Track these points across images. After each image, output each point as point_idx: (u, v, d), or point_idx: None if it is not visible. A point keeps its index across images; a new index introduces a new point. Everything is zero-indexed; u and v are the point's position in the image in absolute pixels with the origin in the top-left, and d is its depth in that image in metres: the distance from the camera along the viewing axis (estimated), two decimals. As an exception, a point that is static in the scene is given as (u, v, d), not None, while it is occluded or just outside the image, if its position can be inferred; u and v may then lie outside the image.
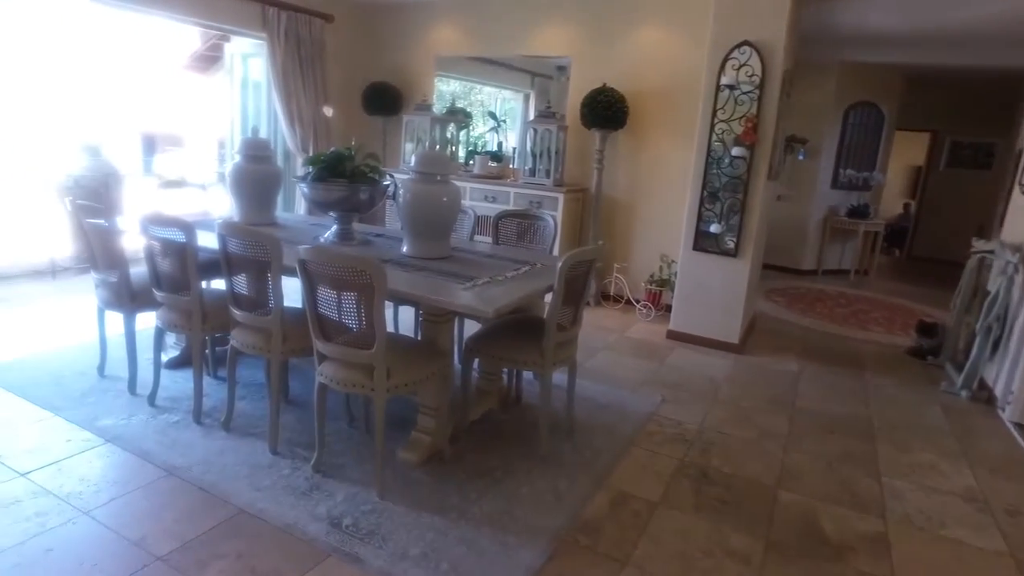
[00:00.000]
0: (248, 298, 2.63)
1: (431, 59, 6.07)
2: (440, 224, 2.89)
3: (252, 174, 3.37)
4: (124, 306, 2.99)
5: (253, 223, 3.38)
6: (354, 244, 3.10)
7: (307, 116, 5.65)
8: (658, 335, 4.75)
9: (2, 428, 2.72)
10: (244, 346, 2.65)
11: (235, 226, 2.49)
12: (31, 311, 4.24)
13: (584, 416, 3.26)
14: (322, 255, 2.20)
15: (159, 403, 3.01)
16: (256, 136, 3.43)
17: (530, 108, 6.42)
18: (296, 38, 5.52)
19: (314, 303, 2.34)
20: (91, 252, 3.04)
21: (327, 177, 2.97)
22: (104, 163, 5.78)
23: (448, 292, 2.40)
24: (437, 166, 2.84)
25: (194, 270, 2.68)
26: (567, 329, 2.77)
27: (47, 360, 3.41)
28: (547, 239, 3.51)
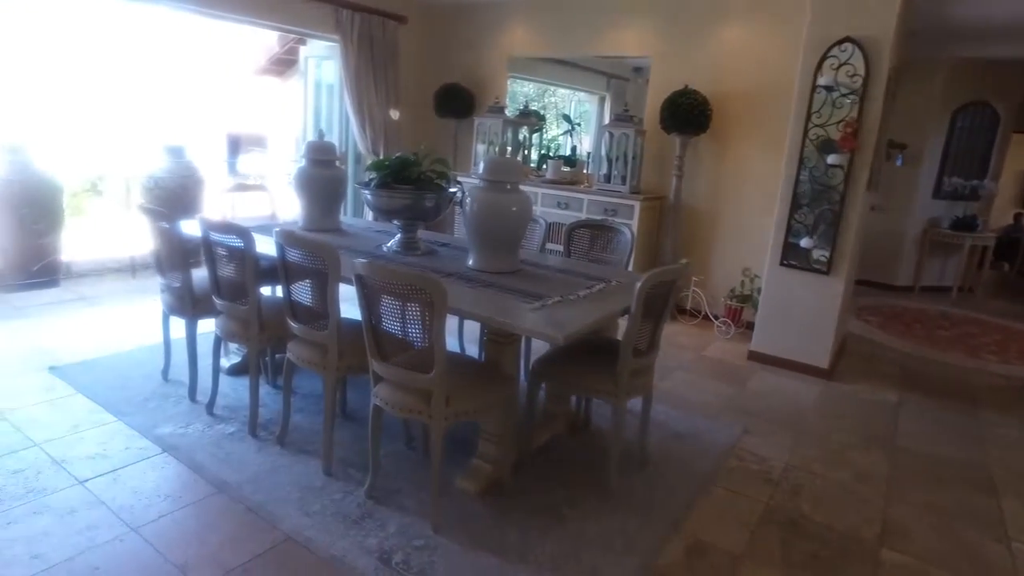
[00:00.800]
0: (305, 310, 2.51)
1: (504, 60, 5.91)
2: (508, 236, 2.70)
3: (317, 178, 3.28)
4: (186, 312, 2.95)
5: (316, 229, 3.30)
6: (418, 254, 2.95)
7: (378, 118, 5.59)
8: (738, 355, 4.41)
9: (69, 431, 2.72)
10: (299, 360, 2.53)
11: (292, 234, 2.38)
12: (109, 310, 4.32)
13: (657, 446, 2.99)
14: (379, 271, 2.04)
15: (217, 412, 2.94)
16: (321, 139, 3.34)
17: (605, 111, 6.17)
18: (369, 40, 5.46)
19: (371, 319, 2.19)
20: (157, 256, 3.01)
21: (391, 183, 2.84)
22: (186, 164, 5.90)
23: (515, 313, 2.21)
24: (507, 173, 2.65)
25: (252, 278, 2.59)
26: (644, 355, 2.52)
27: (118, 361, 3.43)
28: (623, 252, 3.27)
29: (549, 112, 6.22)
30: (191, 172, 5.87)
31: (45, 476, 2.41)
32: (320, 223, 3.34)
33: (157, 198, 5.68)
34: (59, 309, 4.26)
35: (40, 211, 4.91)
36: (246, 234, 2.51)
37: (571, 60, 5.83)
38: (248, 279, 2.58)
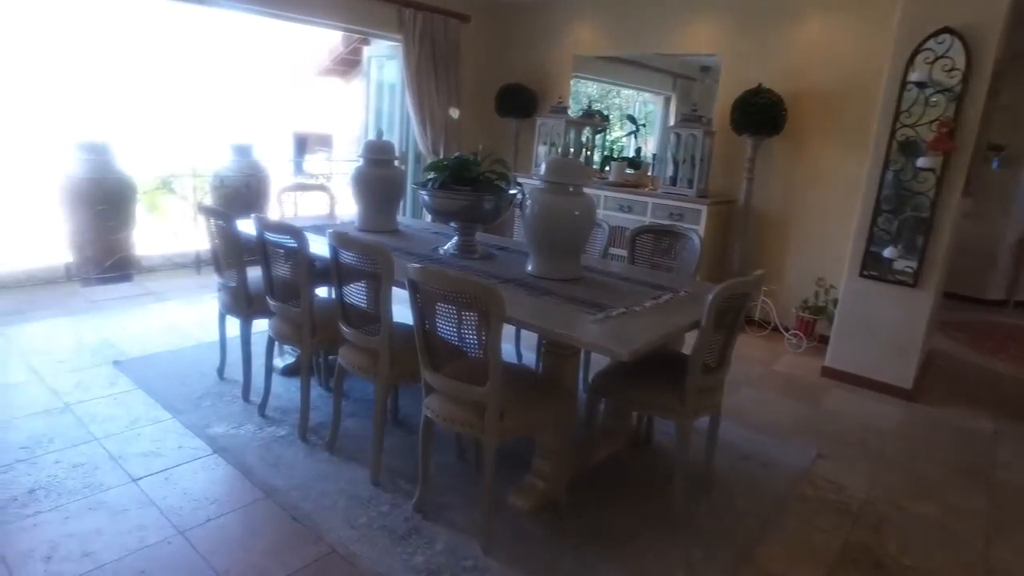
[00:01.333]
0: (357, 313, 2.44)
1: (568, 59, 5.76)
2: (571, 241, 2.56)
3: (374, 178, 3.22)
4: (241, 312, 2.93)
5: (372, 230, 3.24)
6: (475, 258, 2.84)
7: (439, 118, 5.54)
8: (810, 371, 4.13)
9: (127, 426, 2.73)
10: (350, 366, 2.46)
11: (345, 236, 2.30)
12: (173, 306, 4.40)
13: (724, 467, 2.79)
14: (433, 277, 1.94)
15: (269, 413, 2.91)
16: (380, 139, 3.28)
17: (670, 111, 5.95)
18: (431, 39, 5.41)
19: (424, 327, 2.09)
20: (215, 254, 3.01)
21: (449, 184, 2.74)
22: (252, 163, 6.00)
23: (577, 324, 2.06)
24: (570, 175, 2.51)
25: (306, 280, 2.53)
26: (714, 372, 2.34)
27: (177, 357, 3.47)
28: (691, 260, 3.07)
29: (612, 113, 6.04)
30: (257, 171, 5.97)
31: (102, 472, 2.41)
32: (376, 224, 3.28)
33: (223, 196, 5.80)
34: (128, 304, 4.37)
35: (115, 208, 5.07)
36: (300, 235, 2.46)
37: (636, 59, 5.64)
38: (301, 280, 2.53)
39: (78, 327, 3.85)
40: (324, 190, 3.86)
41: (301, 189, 3.78)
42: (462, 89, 5.73)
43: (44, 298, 4.39)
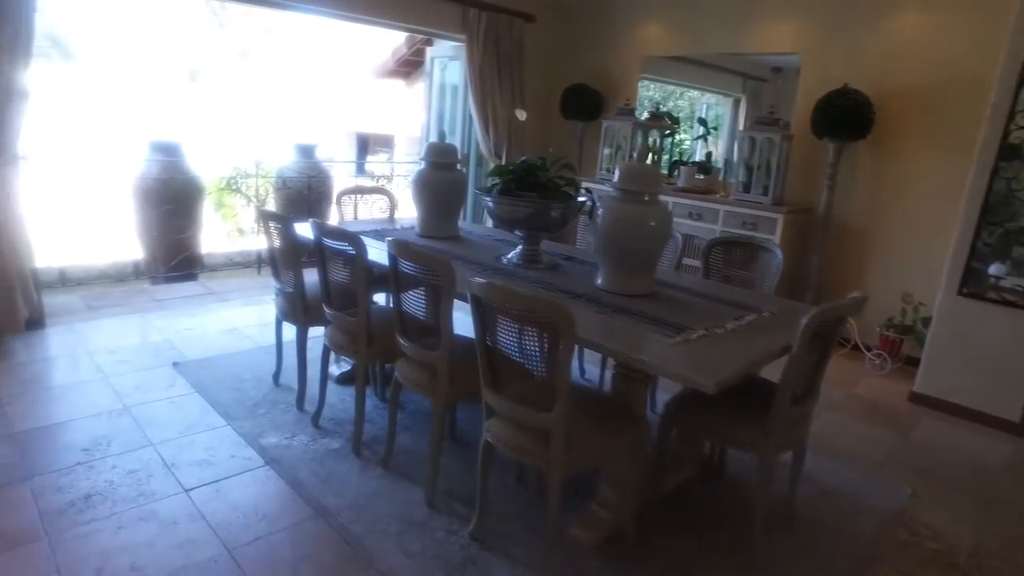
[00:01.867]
0: (416, 326, 2.31)
1: (636, 60, 5.53)
2: (645, 254, 2.37)
3: (436, 182, 3.10)
4: (298, 319, 2.86)
5: (433, 236, 3.12)
6: (540, 269, 2.68)
7: (502, 120, 5.41)
8: (897, 396, 3.79)
9: (182, 432, 2.69)
10: (407, 381, 2.34)
11: (405, 245, 2.18)
12: (233, 308, 4.41)
13: (805, 502, 2.54)
14: (499, 294, 1.78)
15: (323, 424, 2.83)
16: (442, 141, 3.15)
17: (740, 114, 5.65)
18: (495, 39, 5.29)
19: (486, 344, 1.94)
20: (272, 259, 2.95)
21: (515, 190, 2.59)
22: (314, 164, 6.02)
23: (653, 348, 1.88)
24: (645, 182, 2.32)
25: (363, 289, 2.43)
26: (802, 403, 2.11)
27: (234, 361, 3.43)
28: (772, 276, 2.83)
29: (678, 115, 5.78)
30: (319, 172, 5.98)
31: (155, 480, 2.36)
32: (437, 229, 3.16)
33: (285, 197, 5.83)
34: (190, 303, 4.40)
35: (183, 208, 5.15)
36: (358, 241, 2.35)
37: (705, 60, 5.38)
38: (359, 289, 2.42)
39: (142, 326, 3.89)
40: (384, 193, 3.77)
41: (361, 192, 3.70)
42: (526, 90, 5.59)
43: (113, 295, 4.47)
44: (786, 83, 4.93)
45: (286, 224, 2.70)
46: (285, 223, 2.71)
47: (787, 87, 4.85)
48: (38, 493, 2.25)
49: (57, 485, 2.30)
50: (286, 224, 2.70)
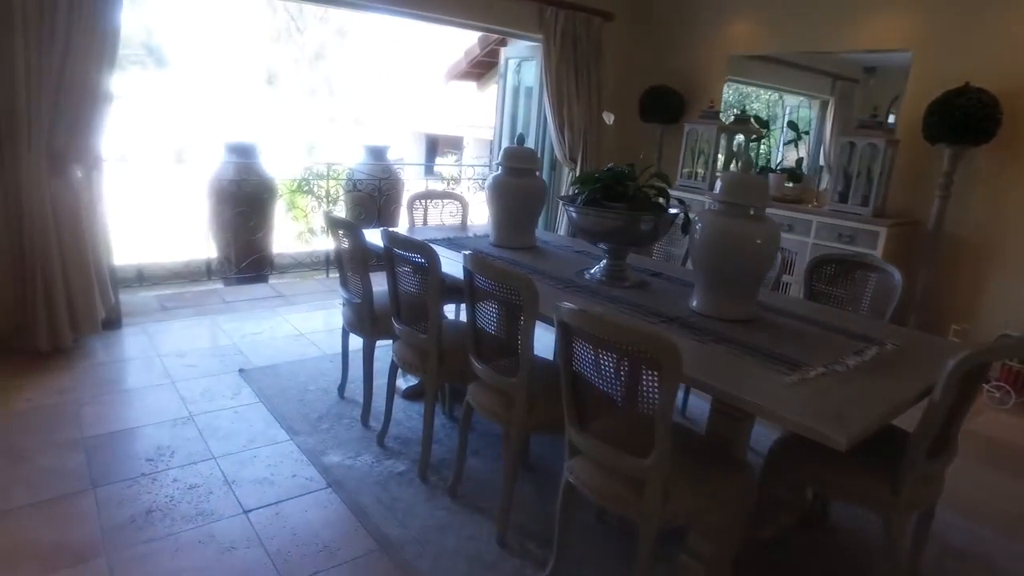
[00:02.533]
0: (492, 347, 2.13)
1: (723, 59, 5.21)
2: (748, 275, 2.10)
3: (513, 189, 2.91)
4: (365, 331, 2.72)
5: (508, 246, 2.94)
6: (626, 287, 2.45)
7: (578, 123, 5.19)
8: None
9: (245, 446, 2.60)
10: (480, 407, 2.15)
11: (483, 261, 1.99)
12: (301, 313, 4.35)
13: (929, 563, 2.21)
14: (593, 323, 1.56)
15: (388, 443, 2.68)
16: (521, 145, 2.96)
17: (828, 117, 5.24)
18: (573, 38, 5.07)
19: (571, 375, 1.73)
20: (340, 268, 2.82)
21: (601, 201, 2.37)
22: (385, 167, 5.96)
23: (766, 388, 1.62)
24: (751, 195, 2.05)
25: (435, 304, 2.26)
26: (938, 456, 1.80)
27: (300, 369, 3.34)
28: (887, 301, 2.51)
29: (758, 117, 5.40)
30: (390, 174, 5.91)
31: (215, 498, 2.26)
32: (513, 239, 2.97)
33: (355, 200, 5.79)
34: (259, 307, 4.37)
35: (255, 209, 5.16)
36: (430, 253, 2.18)
37: (792, 60, 5.01)
38: (430, 305, 2.25)
39: (211, 329, 3.86)
40: (456, 199, 3.61)
41: (432, 197, 3.55)
42: (603, 91, 5.35)
43: (186, 296, 4.49)
44: (880, 84, 4.54)
45: (355, 232, 2.56)
46: (354, 231, 2.57)
47: (881, 88, 4.46)
48: (102, 505, 2.18)
49: (120, 497, 2.22)
50: (355, 232, 2.56)
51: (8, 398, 2.86)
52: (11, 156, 3.10)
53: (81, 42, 3.09)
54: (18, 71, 2.99)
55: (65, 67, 3.08)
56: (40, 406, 2.80)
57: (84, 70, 3.13)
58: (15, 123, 3.05)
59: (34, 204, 3.13)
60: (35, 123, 3.06)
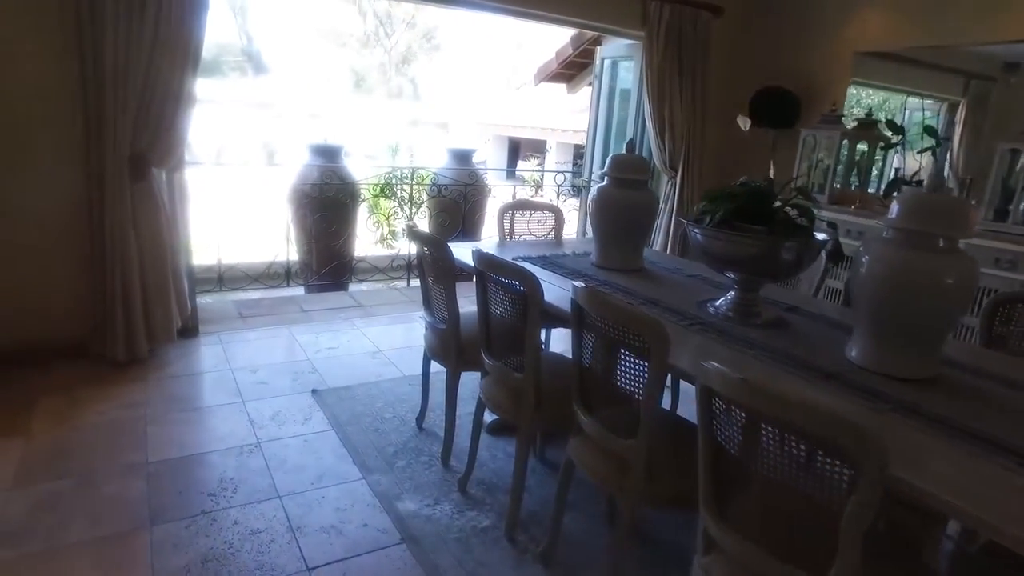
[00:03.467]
0: (603, 396, 1.76)
1: (846, 57, 4.63)
2: (935, 323, 1.65)
3: (621, 202, 2.54)
4: (449, 362, 2.41)
5: (613, 267, 2.57)
6: (759, 325, 2.03)
7: (680, 127, 4.75)
8: None
9: (313, 483, 2.34)
10: (585, 467, 1.79)
11: (603, 299, 1.62)
12: (379, 323, 4.13)
13: None
14: (759, 396, 1.18)
15: (471, 489, 2.36)
16: (632, 152, 2.58)
17: (957, 120, 4.58)
18: (677, 35, 4.64)
19: (713, 449, 1.35)
20: (423, 286, 2.53)
21: (737, 223, 1.96)
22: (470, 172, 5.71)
23: (991, 495, 1.18)
24: (944, 221, 1.61)
25: (534, 341, 1.92)
26: None
27: (376, 393, 3.09)
28: (1104, 354, 1.97)
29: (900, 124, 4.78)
30: (476, 179, 5.65)
31: (277, 548, 2.01)
32: (619, 259, 2.60)
33: (439, 207, 5.56)
34: (336, 318, 4.17)
35: (337, 214, 5.00)
36: (532, 283, 1.84)
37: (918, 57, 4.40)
38: (529, 341, 1.91)
39: (287, 342, 3.68)
40: (552, 211, 3.27)
41: (526, 208, 3.23)
42: (708, 93, 4.88)
43: (264, 303, 4.36)
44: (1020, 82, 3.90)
45: (442, 250, 2.26)
46: (441, 248, 2.27)
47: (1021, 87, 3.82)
48: (156, 548, 1.96)
49: (176, 539, 2.00)
50: (442, 250, 2.26)
51: (84, 409, 2.74)
52: (97, 158, 3.00)
53: (167, 43, 2.95)
54: (107, 72, 2.88)
55: (151, 68, 2.95)
56: (112, 420, 2.66)
57: (169, 72, 3.00)
58: (103, 125, 2.94)
59: (116, 209, 3.01)
60: (120, 125, 2.95)
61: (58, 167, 3.06)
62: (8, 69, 2.88)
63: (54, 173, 3.06)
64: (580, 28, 4.82)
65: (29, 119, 2.96)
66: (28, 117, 2.96)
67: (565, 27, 5.07)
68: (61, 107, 2.99)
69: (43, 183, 3.05)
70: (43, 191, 3.06)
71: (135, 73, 2.91)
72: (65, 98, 2.98)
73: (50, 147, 3.03)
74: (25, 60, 2.91)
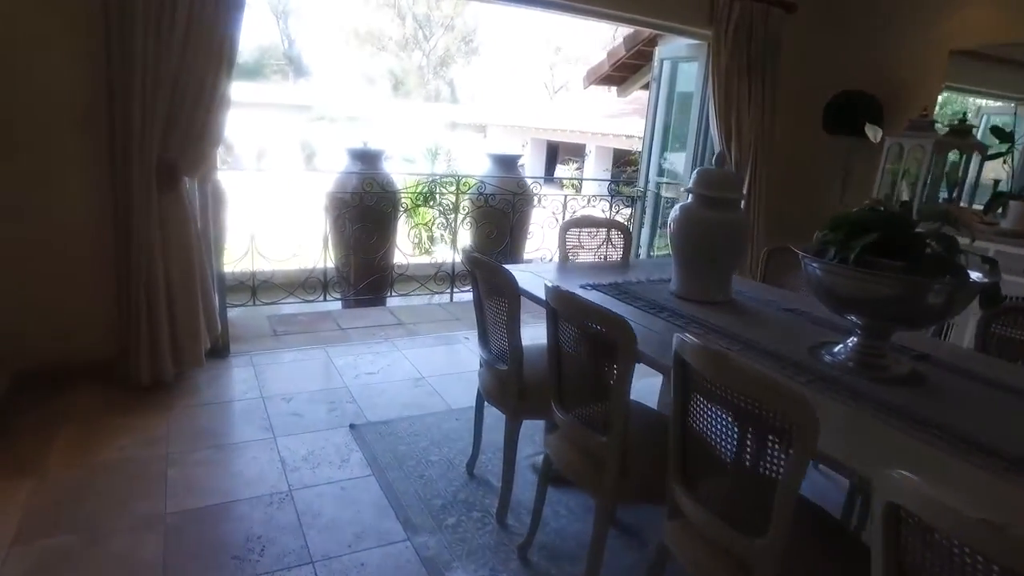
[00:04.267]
0: (711, 470, 1.42)
1: (940, 56, 4.19)
2: None
3: (708, 224, 2.18)
4: (508, 407, 2.09)
5: (698, 299, 2.22)
6: (888, 380, 1.65)
7: (747, 133, 4.35)
8: None
9: (352, 544, 2.03)
10: (689, 562, 1.44)
11: (721, 358, 1.27)
12: (421, 344, 3.83)
13: None
14: (949, 517, 0.82)
15: (533, 556, 2.03)
16: (720, 166, 2.23)
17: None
18: (747, 33, 4.25)
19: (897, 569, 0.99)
20: (478, 315, 2.21)
21: (871, 258, 1.59)
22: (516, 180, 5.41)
23: None
24: None
25: (623, 404, 1.57)
26: None
27: (421, 430, 2.77)
28: None
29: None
30: (524, 189, 5.34)
31: (309, 629, 1.71)
32: (703, 290, 2.24)
33: (483, 217, 5.25)
34: (376, 337, 3.89)
35: (377, 224, 4.74)
36: (625, 331, 1.50)
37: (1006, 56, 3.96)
38: (616, 402, 1.57)
39: (323, 365, 3.40)
40: (620, 229, 2.92)
41: (589, 225, 2.89)
42: (778, 96, 4.48)
43: (299, 320, 4.11)
44: None
45: (504, 280, 1.94)
46: (504, 277, 1.94)
47: None
48: (170, 626, 1.68)
49: (193, 617, 1.72)
50: (504, 280, 1.94)
51: (103, 441, 2.50)
52: (123, 166, 2.76)
53: (199, 42, 2.70)
54: (135, 75, 2.63)
55: (182, 69, 2.71)
56: (130, 460, 2.40)
57: (202, 73, 2.74)
58: (129, 131, 2.70)
59: (142, 220, 2.77)
60: (148, 130, 2.70)
61: (82, 176, 2.84)
62: (29, 70, 2.66)
63: (78, 183, 2.84)
64: (642, 26, 4.46)
65: (51, 126, 2.74)
66: (50, 124, 2.74)
67: (625, 25, 4.73)
68: (86, 111, 2.76)
69: (66, 193, 2.84)
70: (66, 202, 2.85)
71: (164, 74, 2.67)
72: (90, 101, 2.75)
73: (74, 155, 2.81)
74: (47, 60, 2.69)
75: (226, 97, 2.86)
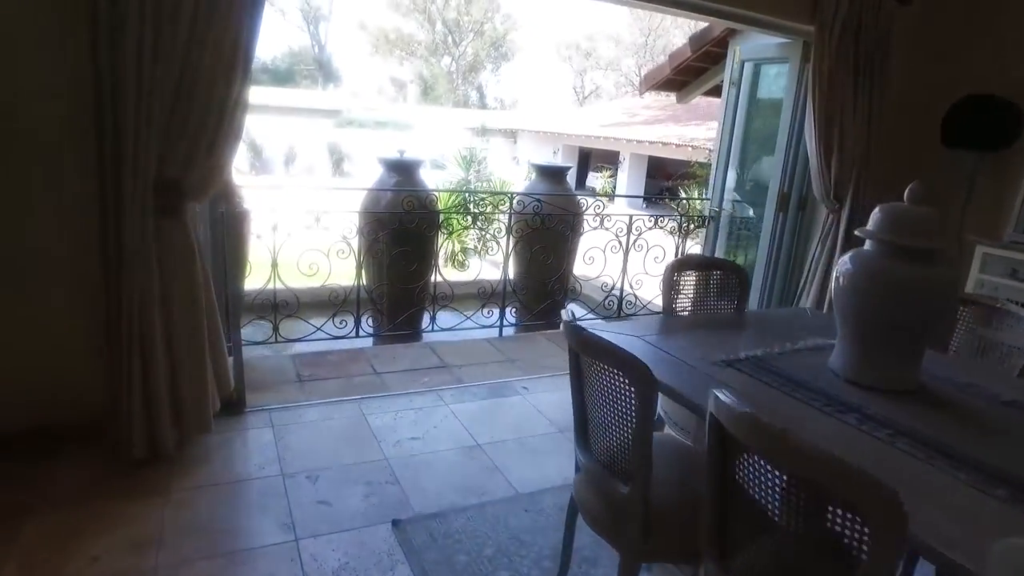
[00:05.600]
0: None
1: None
2: None
3: (897, 283, 1.55)
4: (622, 543, 1.46)
5: (872, 385, 1.58)
6: None
7: (850, 146, 3.70)
8: None
9: None
10: None
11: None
12: (469, 395, 3.22)
13: None
14: None
15: None
16: (916, 202, 1.60)
17: None
18: (855, 30, 3.60)
19: None
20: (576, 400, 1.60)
21: None
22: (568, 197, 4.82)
23: None
24: None
25: None
26: None
27: (483, 524, 2.17)
28: None
29: None
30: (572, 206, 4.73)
31: None
32: (886, 374, 1.60)
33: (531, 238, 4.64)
34: (415, 384, 3.30)
35: (415, 248, 4.16)
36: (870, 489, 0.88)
37: None
38: None
39: (355, 425, 2.82)
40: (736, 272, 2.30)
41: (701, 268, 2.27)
42: (887, 104, 3.81)
43: (328, 360, 3.53)
44: None
45: (635, 372, 1.33)
46: (634, 372, 1.33)
47: None
48: None
49: None
50: (635, 372, 1.33)
51: (77, 546, 1.93)
52: (113, 187, 2.20)
53: (208, 41, 2.15)
54: (128, 81, 2.08)
55: (186, 71, 2.16)
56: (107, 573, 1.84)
57: (211, 79, 2.19)
58: (122, 145, 2.15)
59: (134, 255, 2.21)
60: (142, 142, 2.15)
61: (67, 200, 2.31)
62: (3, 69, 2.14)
63: (62, 209, 2.31)
64: (729, 19, 3.80)
65: (19, 134, 2.21)
66: (18, 132, 2.21)
67: (706, 18, 4.11)
68: (66, 117, 2.23)
69: (49, 222, 2.31)
70: (48, 233, 2.32)
71: (164, 74, 2.12)
72: (71, 103, 2.22)
73: (52, 173, 2.28)
74: (26, 56, 2.16)
75: (242, 105, 2.30)
